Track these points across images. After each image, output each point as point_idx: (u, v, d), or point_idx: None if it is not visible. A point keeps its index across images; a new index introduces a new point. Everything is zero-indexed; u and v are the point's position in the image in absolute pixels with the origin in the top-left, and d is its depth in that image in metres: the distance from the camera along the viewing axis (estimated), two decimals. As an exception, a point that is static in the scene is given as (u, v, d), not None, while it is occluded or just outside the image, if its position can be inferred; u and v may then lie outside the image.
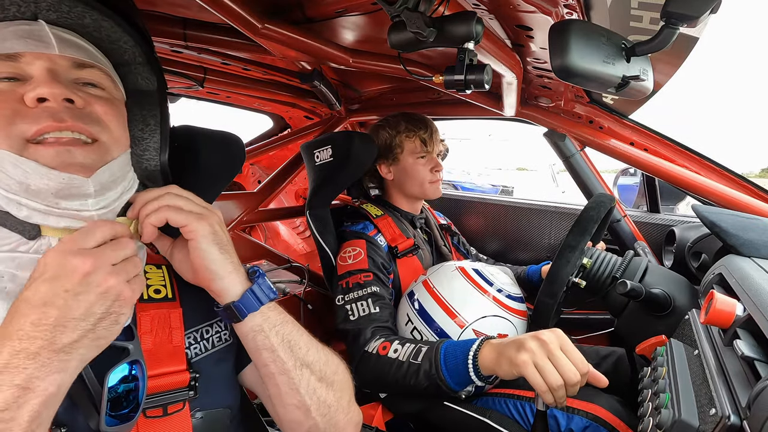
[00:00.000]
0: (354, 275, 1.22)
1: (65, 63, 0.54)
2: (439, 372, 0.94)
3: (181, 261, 0.62)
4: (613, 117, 1.36)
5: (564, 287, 1.03)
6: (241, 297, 0.59)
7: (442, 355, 0.95)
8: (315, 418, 0.63)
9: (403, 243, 1.34)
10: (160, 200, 0.56)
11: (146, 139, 0.62)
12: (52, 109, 0.51)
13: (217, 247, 0.58)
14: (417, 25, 0.70)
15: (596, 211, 1.07)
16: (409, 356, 0.99)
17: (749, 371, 0.56)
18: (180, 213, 0.56)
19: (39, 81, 0.51)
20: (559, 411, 1.05)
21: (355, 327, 1.13)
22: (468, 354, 0.92)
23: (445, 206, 2.00)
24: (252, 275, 0.62)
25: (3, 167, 0.49)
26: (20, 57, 0.52)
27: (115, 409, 0.51)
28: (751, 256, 0.93)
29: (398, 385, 1.00)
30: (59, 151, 0.50)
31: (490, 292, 1.14)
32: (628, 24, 0.83)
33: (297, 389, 0.62)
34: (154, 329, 0.59)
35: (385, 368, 1.01)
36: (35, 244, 0.52)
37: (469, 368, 0.91)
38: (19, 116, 0.49)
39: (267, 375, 0.62)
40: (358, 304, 1.16)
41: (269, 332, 0.60)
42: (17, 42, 0.52)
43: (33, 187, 0.49)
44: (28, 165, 0.49)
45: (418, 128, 1.41)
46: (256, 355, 0.62)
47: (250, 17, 0.94)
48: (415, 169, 1.41)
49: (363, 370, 1.05)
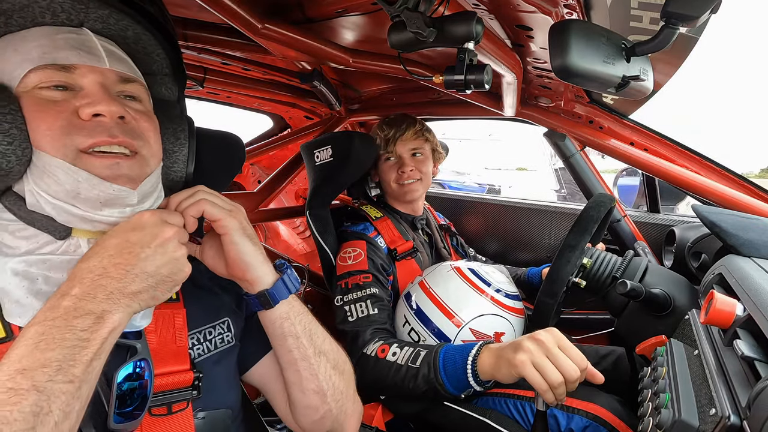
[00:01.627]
0: (353, 276, 1.22)
1: (113, 77, 0.58)
2: (437, 376, 0.93)
3: (213, 257, 0.65)
4: (613, 117, 1.36)
5: (564, 287, 1.03)
6: (273, 285, 0.63)
7: (441, 359, 0.95)
8: (329, 404, 0.68)
9: (402, 246, 1.34)
10: (195, 195, 0.60)
11: (176, 152, 0.67)
12: (107, 125, 0.54)
13: (249, 240, 0.62)
14: (417, 25, 0.70)
15: (596, 210, 1.07)
16: (407, 360, 0.99)
17: (749, 371, 0.56)
18: (215, 207, 0.59)
19: (93, 96, 0.54)
20: (559, 411, 1.05)
21: (353, 328, 1.13)
22: (467, 359, 0.92)
23: (445, 206, 2.00)
24: (279, 267, 0.67)
25: (55, 174, 0.52)
26: (74, 68, 0.54)
27: (120, 407, 0.52)
28: (751, 256, 0.93)
29: (396, 387, 0.99)
30: (110, 164, 0.54)
31: (486, 291, 1.14)
32: (628, 24, 0.83)
33: (316, 375, 0.66)
34: (159, 329, 0.60)
35: (384, 371, 1.01)
36: (64, 244, 0.55)
37: (468, 373, 0.91)
38: (75, 128, 0.53)
39: (290, 361, 0.66)
40: (357, 305, 1.16)
41: (294, 320, 0.65)
42: (71, 53, 0.54)
43: (83, 195, 0.53)
44: (81, 174, 0.52)
45: (388, 128, 1.40)
46: (281, 341, 0.66)
47: (250, 17, 0.94)
48: (382, 170, 1.42)
49: (361, 372, 1.05)
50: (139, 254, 0.50)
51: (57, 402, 0.41)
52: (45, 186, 0.52)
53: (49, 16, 0.55)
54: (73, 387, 0.43)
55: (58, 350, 0.43)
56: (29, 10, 0.54)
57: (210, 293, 0.70)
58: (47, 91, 0.53)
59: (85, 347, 0.44)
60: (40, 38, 0.54)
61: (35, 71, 0.53)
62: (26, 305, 0.51)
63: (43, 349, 0.42)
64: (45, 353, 0.42)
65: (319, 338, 0.68)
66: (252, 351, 0.73)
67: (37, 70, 0.53)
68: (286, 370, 0.68)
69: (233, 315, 0.71)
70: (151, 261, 0.50)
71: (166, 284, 0.52)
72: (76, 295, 0.46)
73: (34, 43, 0.54)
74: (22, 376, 0.40)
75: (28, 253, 0.53)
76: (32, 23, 0.55)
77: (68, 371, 0.42)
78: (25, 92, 0.53)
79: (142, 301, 0.50)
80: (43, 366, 0.41)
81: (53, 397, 0.41)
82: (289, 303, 0.65)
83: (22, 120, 0.51)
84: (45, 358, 0.42)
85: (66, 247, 0.55)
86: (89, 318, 0.45)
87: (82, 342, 0.44)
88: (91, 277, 0.47)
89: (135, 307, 0.50)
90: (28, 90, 0.53)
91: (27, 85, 0.53)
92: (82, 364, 0.44)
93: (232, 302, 0.72)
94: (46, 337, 0.43)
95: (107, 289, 0.47)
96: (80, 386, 0.43)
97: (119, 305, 0.48)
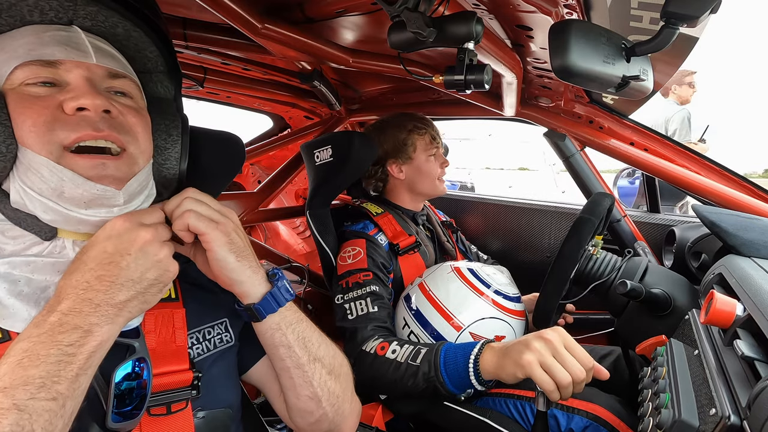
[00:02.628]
0: (353, 275, 1.22)
1: (101, 72, 0.57)
2: (438, 375, 0.93)
3: (203, 263, 0.63)
4: (613, 117, 1.36)
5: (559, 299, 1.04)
6: (261, 300, 0.61)
7: (441, 358, 0.95)
8: (325, 408, 0.67)
9: (404, 240, 1.34)
10: (181, 206, 0.57)
11: (168, 149, 0.65)
12: (91, 119, 0.53)
13: (234, 256, 0.59)
14: (417, 25, 0.69)
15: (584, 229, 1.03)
16: (407, 357, 0.99)
17: (749, 371, 0.56)
18: (200, 219, 0.56)
19: (78, 90, 0.53)
20: (560, 411, 1.05)
21: (352, 326, 1.13)
22: (469, 358, 0.91)
23: (445, 206, 2.00)
24: (272, 278, 0.65)
25: (39, 172, 0.51)
26: (60, 64, 0.54)
27: (118, 406, 0.51)
28: (751, 256, 0.93)
29: (394, 385, 0.99)
30: (95, 164, 0.53)
31: (486, 294, 1.13)
32: (628, 24, 0.83)
33: (310, 382, 0.65)
34: (158, 328, 0.60)
35: (383, 368, 1.01)
36: (50, 245, 0.54)
37: (470, 373, 0.90)
38: (58, 123, 0.52)
39: (283, 369, 0.66)
40: (356, 303, 1.16)
41: (286, 330, 0.64)
42: (57, 49, 0.54)
43: (67, 194, 0.52)
44: (65, 173, 0.51)
45: (426, 125, 1.44)
46: (273, 350, 0.65)
47: (250, 17, 0.94)
48: (428, 166, 1.42)
49: (359, 369, 1.04)
50: (119, 263, 0.49)
51: (39, 420, 0.40)
52: (30, 183, 0.52)
53: (38, 14, 0.55)
54: (57, 405, 0.42)
55: (42, 366, 0.42)
56: (17, 9, 0.54)
57: (209, 293, 0.69)
58: (33, 88, 0.53)
59: (70, 362, 0.44)
60: (27, 36, 0.54)
61: (21, 68, 0.52)
62: (8, 305, 0.50)
63: (26, 365, 0.41)
64: (28, 370, 0.41)
65: (314, 345, 0.67)
66: (251, 351, 0.73)
67: (23, 67, 0.52)
68: (280, 376, 0.67)
69: (232, 315, 0.71)
70: (133, 268, 0.49)
71: (155, 287, 0.52)
72: (62, 310, 0.46)
73: (22, 41, 0.54)
74: (2, 395, 0.39)
75: (13, 254, 0.52)
76: (21, 22, 0.55)
77: (52, 388, 0.42)
78: (11, 89, 0.52)
79: (132, 308, 0.50)
80: (25, 384, 0.41)
81: (35, 415, 0.40)
82: (281, 314, 0.63)
83: (6, 116, 0.51)
84: (27, 376, 0.41)
85: (51, 249, 0.54)
86: (76, 333, 0.45)
87: (68, 357, 0.43)
88: (76, 293, 0.47)
89: (126, 316, 0.49)
90: (14, 87, 0.52)
91: (13, 82, 0.53)
92: (67, 380, 0.43)
93: (231, 302, 0.72)
94: (30, 354, 0.42)
95: (93, 302, 0.47)
96: (64, 404, 0.42)
97: (107, 317, 0.47)
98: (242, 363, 0.72)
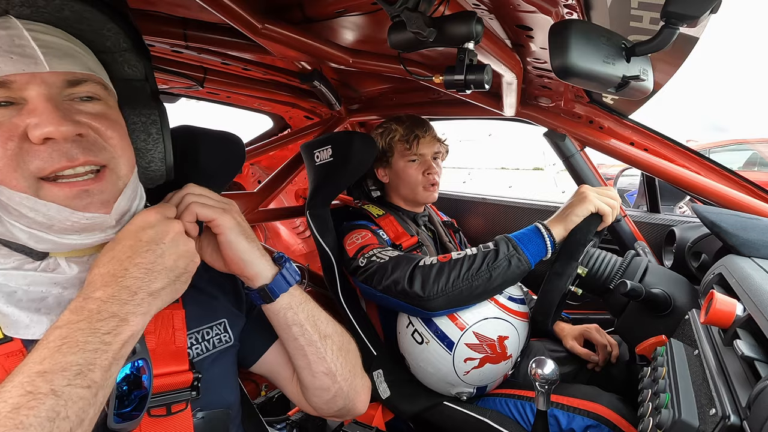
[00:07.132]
0: (367, 247, 1.21)
1: (58, 82, 0.50)
2: (518, 248, 1.03)
3: (211, 254, 0.65)
4: (613, 117, 1.36)
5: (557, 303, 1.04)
6: (272, 280, 0.64)
7: (515, 237, 1.06)
8: (340, 383, 0.70)
9: (406, 241, 1.33)
10: (184, 200, 0.58)
11: (150, 150, 0.64)
12: (62, 148, 0.48)
13: (244, 237, 0.62)
14: (417, 25, 0.69)
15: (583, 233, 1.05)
16: (478, 250, 1.06)
17: (749, 371, 0.56)
18: (206, 207, 0.59)
19: (40, 113, 0.47)
20: (560, 411, 1.05)
21: (393, 261, 1.12)
22: (539, 227, 1.06)
23: (445, 206, 2.00)
24: (278, 260, 0.67)
25: (19, 210, 0.49)
26: (11, 83, 0.48)
27: (119, 407, 0.51)
28: (751, 256, 0.93)
29: (470, 276, 1.02)
30: (78, 193, 0.50)
31: (490, 293, 1.13)
32: (628, 24, 0.82)
33: (324, 357, 0.68)
34: (158, 329, 0.60)
35: (456, 268, 1.04)
36: (42, 263, 0.53)
37: (544, 236, 1.04)
38: (29, 155, 0.47)
39: (297, 348, 0.68)
40: (384, 252, 1.17)
41: (297, 309, 0.66)
42: (3, 62, 0.47)
43: (57, 227, 0.50)
44: (50, 208, 0.49)
45: (409, 131, 1.40)
46: (286, 330, 0.67)
47: (250, 17, 0.94)
48: (406, 172, 1.41)
49: (423, 279, 1.04)
50: (155, 251, 0.50)
51: (74, 407, 0.40)
52: (14, 218, 0.50)
53: None
54: (90, 393, 0.42)
55: (79, 354, 0.42)
56: None
57: (207, 295, 0.69)
58: None
59: (105, 351, 0.44)
60: None
61: None
62: (8, 314, 0.49)
63: (65, 352, 0.42)
64: (66, 356, 0.41)
65: (323, 323, 0.69)
66: (258, 342, 0.74)
67: None
68: (294, 357, 0.69)
69: (231, 316, 0.71)
70: (168, 256, 0.51)
71: (184, 276, 0.53)
72: (100, 297, 0.46)
73: None
74: (42, 379, 0.39)
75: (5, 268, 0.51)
76: None
77: (87, 376, 0.42)
78: None
79: (165, 297, 0.51)
80: (64, 369, 0.41)
81: (70, 402, 0.40)
82: (290, 294, 0.65)
83: None
84: (66, 362, 0.41)
85: (45, 266, 0.53)
86: (113, 321, 0.45)
87: (104, 346, 0.44)
88: (115, 280, 0.47)
89: (158, 305, 0.50)
90: None
91: None
92: (101, 369, 0.43)
93: (230, 304, 0.72)
94: (69, 340, 0.42)
95: (131, 289, 0.47)
96: (97, 392, 0.43)
97: (143, 305, 0.48)
98: (249, 355, 0.74)
